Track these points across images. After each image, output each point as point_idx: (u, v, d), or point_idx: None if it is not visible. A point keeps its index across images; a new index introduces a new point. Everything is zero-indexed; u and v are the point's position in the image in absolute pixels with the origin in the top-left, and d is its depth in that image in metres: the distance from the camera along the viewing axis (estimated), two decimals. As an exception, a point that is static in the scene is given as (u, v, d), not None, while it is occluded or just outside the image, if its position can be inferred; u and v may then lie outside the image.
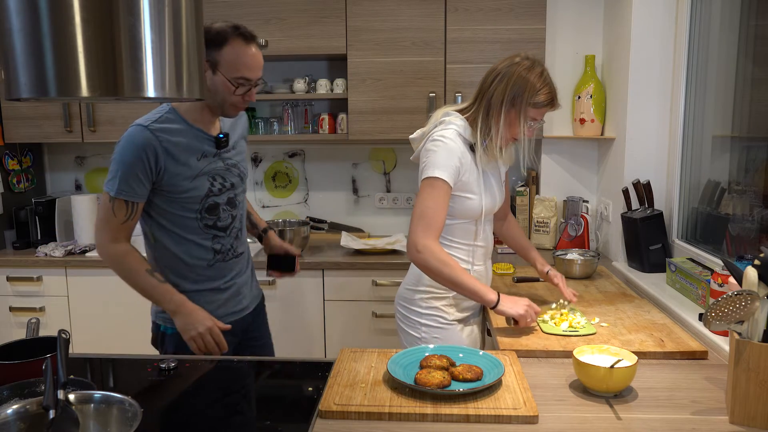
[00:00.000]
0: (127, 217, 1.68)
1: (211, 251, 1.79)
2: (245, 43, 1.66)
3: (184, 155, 1.70)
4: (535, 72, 1.74)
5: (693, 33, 2.41)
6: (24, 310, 2.95)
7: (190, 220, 1.74)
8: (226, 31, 1.65)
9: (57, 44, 0.96)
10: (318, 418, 1.26)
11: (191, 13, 1.08)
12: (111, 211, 1.67)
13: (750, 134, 2.11)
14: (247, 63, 1.67)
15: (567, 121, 3.07)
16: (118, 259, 1.70)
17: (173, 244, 1.76)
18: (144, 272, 1.70)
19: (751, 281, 1.23)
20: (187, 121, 1.73)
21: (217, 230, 1.79)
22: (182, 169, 1.69)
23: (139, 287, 1.72)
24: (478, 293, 1.72)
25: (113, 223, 1.67)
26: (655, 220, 2.41)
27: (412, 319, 1.92)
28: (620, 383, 1.32)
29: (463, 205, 1.81)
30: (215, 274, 1.81)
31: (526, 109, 1.75)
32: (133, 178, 1.65)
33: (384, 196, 3.39)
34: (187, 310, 1.71)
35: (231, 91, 1.68)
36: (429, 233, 1.72)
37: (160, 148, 1.66)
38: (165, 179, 1.68)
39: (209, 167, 1.75)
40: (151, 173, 1.66)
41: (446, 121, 1.82)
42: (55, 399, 1.09)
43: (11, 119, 3.10)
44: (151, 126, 1.68)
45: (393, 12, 2.89)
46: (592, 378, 1.33)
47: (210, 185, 1.75)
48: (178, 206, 1.72)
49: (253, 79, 1.69)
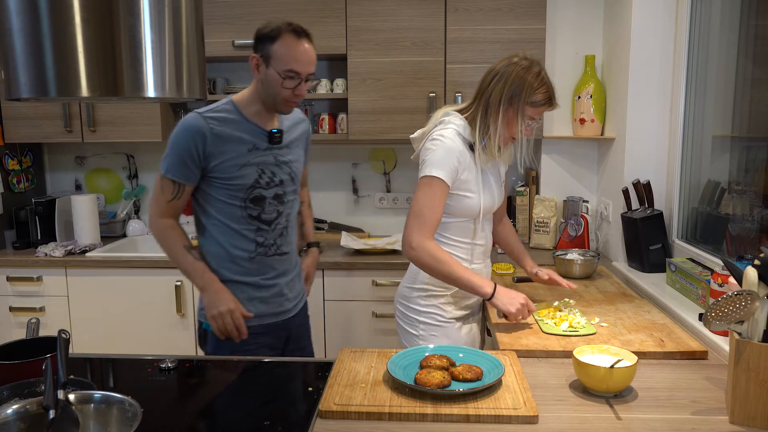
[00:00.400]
0: (173, 196, 1.76)
1: (253, 243, 1.82)
2: (296, 38, 1.73)
3: (234, 144, 1.76)
4: (533, 71, 1.76)
5: (693, 33, 2.41)
6: (24, 310, 2.95)
7: (234, 208, 1.79)
8: (280, 27, 1.73)
9: (57, 44, 0.96)
10: (318, 418, 1.26)
11: (191, 13, 1.08)
12: (160, 189, 1.77)
13: (750, 134, 2.11)
14: (296, 56, 1.72)
15: (567, 121, 3.07)
16: (161, 233, 1.80)
17: (218, 232, 1.81)
18: (182, 247, 1.79)
19: (751, 281, 1.23)
20: (243, 114, 1.79)
21: (261, 222, 1.82)
22: (230, 157, 1.75)
23: (176, 262, 1.81)
24: (474, 286, 1.74)
25: (161, 200, 1.78)
26: (655, 220, 2.41)
27: (410, 317, 1.93)
28: (620, 383, 1.32)
29: (461, 204, 1.82)
30: (256, 268, 1.84)
31: (524, 107, 1.76)
32: (182, 161, 1.73)
33: (384, 196, 3.39)
34: (214, 289, 1.76)
35: (280, 84, 1.73)
36: (423, 231, 1.75)
37: (210, 135, 1.72)
38: (212, 165, 1.74)
39: (258, 159, 1.79)
40: (198, 158, 1.73)
41: (446, 121, 1.84)
42: (55, 399, 1.09)
43: (11, 119, 3.10)
44: (205, 114, 1.75)
45: (393, 12, 2.89)
46: (592, 378, 1.33)
47: (258, 176, 1.79)
48: (224, 193, 1.77)
49: (302, 72, 1.73)
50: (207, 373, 1.55)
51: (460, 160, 1.78)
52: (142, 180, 3.50)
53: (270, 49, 1.73)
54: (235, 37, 2.96)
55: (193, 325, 2.93)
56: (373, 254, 2.92)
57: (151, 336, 2.94)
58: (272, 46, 1.72)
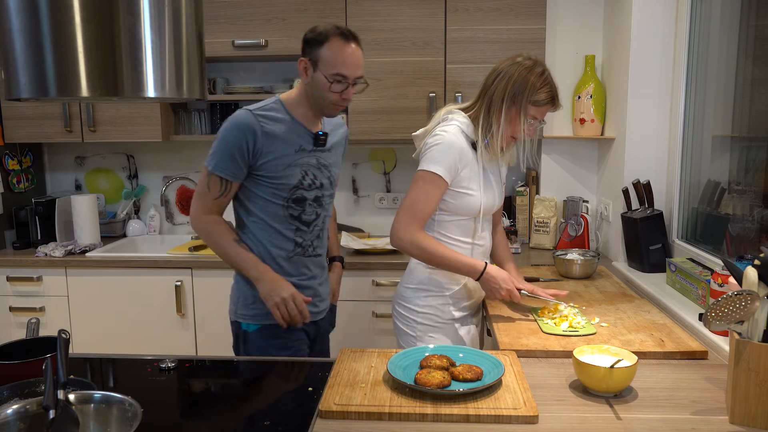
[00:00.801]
0: (220, 193, 1.77)
1: (292, 242, 1.84)
2: (344, 41, 1.72)
3: (282, 143, 1.77)
4: (536, 71, 1.77)
5: (693, 33, 2.41)
6: (24, 310, 2.95)
7: (277, 207, 1.80)
8: (328, 30, 1.73)
9: (57, 44, 0.96)
10: (318, 418, 1.26)
11: (191, 13, 1.08)
12: (206, 186, 1.77)
13: (750, 134, 2.11)
14: (344, 60, 1.72)
15: (567, 121, 3.07)
16: (207, 229, 1.80)
17: (258, 230, 1.82)
18: (231, 240, 1.80)
19: (751, 281, 1.23)
20: (291, 114, 1.80)
21: (301, 223, 1.84)
22: (278, 156, 1.76)
23: (226, 255, 1.80)
24: (464, 267, 1.78)
25: (207, 197, 1.77)
26: (655, 220, 2.41)
27: (408, 318, 1.93)
28: (620, 383, 1.32)
29: (463, 202, 1.82)
30: (294, 268, 1.85)
31: (527, 106, 1.77)
32: (231, 158, 1.73)
33: (384, 196, 3.39)
34: (270, 278, 1.77)
35: (327, 88, 1.73)
36: (411, 223, 1.77)
37: (260, 132, 1.73)
38: (260, 162, 1.75)
39: (303, 160, 1.81)
40: (248, 154, 1.73)
41: (449, 118, 1.85)
42: (55, 399, 1.09)
43: (11, 119, 3.10)
44: (255, 111, 1.76)
45: (393, 12, 2.89)
46: (592, 378, 1.33)
47: (302, 177, 1.81)
48: (268, 192, 1.79)
49: (349, 76, 1.74)
50: (207, 373, 1.55)
51: (461, 157, 1.78)
52: (142, 180, 3.50)
53: (318, 52, 1.73)
54: (235, 37, 2.96)
55: (193, 326, 2.94)
56: (373, 254, 2.92)
57: (151, 336, 2.94)
58: (320, 49, 1.72)
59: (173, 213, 3.52)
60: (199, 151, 3.44)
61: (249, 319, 1.85)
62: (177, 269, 2.90)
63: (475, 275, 1.79)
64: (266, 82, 3.28)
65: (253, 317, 1.84)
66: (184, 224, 3.52)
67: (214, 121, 3.31)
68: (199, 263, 2.89)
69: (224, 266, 2.86)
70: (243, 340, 1.87)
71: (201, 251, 3.00)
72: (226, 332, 2.92)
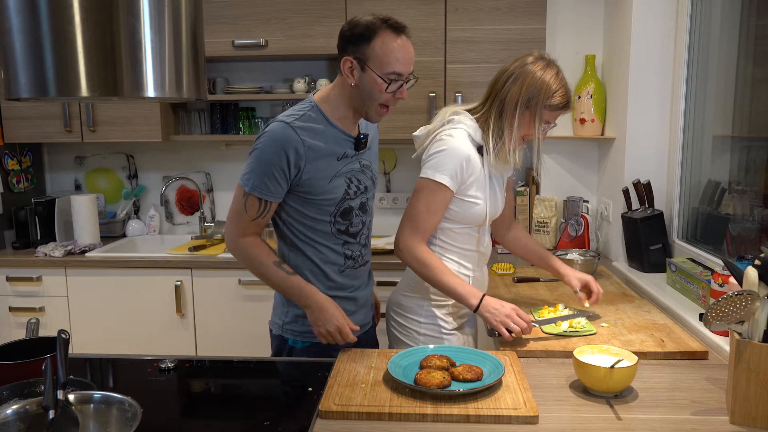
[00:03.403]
0: (259, 214, 1.61)
1: (342, 256, 1.71)
2: (395, 35, 1.55)
3: (325, 156, 1.62)
4: (551, 73, 1.68)
5: (693, 33, 2.41)
6: (24, 310, 2.95)
7: (323, 224, 1.67)
8: (375, 23, 1.55)
9: (57, 44, 0.96)
10: (318, 418, 1.26)
11: (191, 13, 1.08)
12: (243, 207, 1.61)
13: (750, 134, 2.11)
14: (399, 56, 1.55)
15: (567, 121, 3.06)
16: (246, 252, 1.64)
17: (307, 247, 1.69)
18: (272, 264, 1.64)
19: (752, 281, 1.23)
20: (329, 119, 1.64)
21: (348, 236, 1.71)
22: (322, 170, 1.61)
23: (268, 279, 1.66)
24: (460, 297, 1.68)
25: (244, 218, 1.61)
26: (656, 220, 2.41)
27: (409, 329, 1.86)
28: (621, 383, 1.32)
29: (469, 211, 1.75)
30: (345, 281, 1.74)
31: (542, 111, 1.68)
32: (269, 176, 1.57)
33: (384, 196, 3.39)
34: (318, 305, 1.63)
35: (383, 89, 1.57)
36: (414, 235, 1.71)
37: (302, 147, 1.57)
38: (303, 179, 1.60)
39: (347, 168, 1.67)
40: (289, 173, 1.58)
41: (455, 120, 1.75)
42: (55, 399, 1.09)
43: (11, 119, 3.10)
44: (294, 124, 1.58)
45: (393, 12, 2.87)
46: (592, 378, 1.33)
47: (347, 187, 1.67)
48: (313, 209, 1.65)
49: (404, 73, 1.58)
50: (207, 373, 1.55)
51: (468, 164, 1.69)
52: (142, 180, 3.50)
53: (366, 50, 1.54)
54: (235, 37, 2.96)
55: (193, 326, 2.94)
56: (373, 254, 2.91)
57: (151, 336, 2.94)
58: (368, 46, 1.54)
59: (173, 213, 3.51)
60: (199, 151, 3.44)
61: (298, 335, 1.72)
62: (177, 269, 2.89)
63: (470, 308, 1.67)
64: (266, 82, 3.28)
65: (303, 334, 1.72)
66: (184, 224, 3.52)
67: (213, 121, 3.31)
68: (198, 263, 2.89)
69: (224, 266, 2.87)
70: (288, 355, 1.76)
71: (201, 251, 3.00)
72: (226, 332, 2.93)
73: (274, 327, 1.78)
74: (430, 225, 1.72)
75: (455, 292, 1.68)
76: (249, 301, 2.89)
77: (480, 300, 1.66)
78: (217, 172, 3.46)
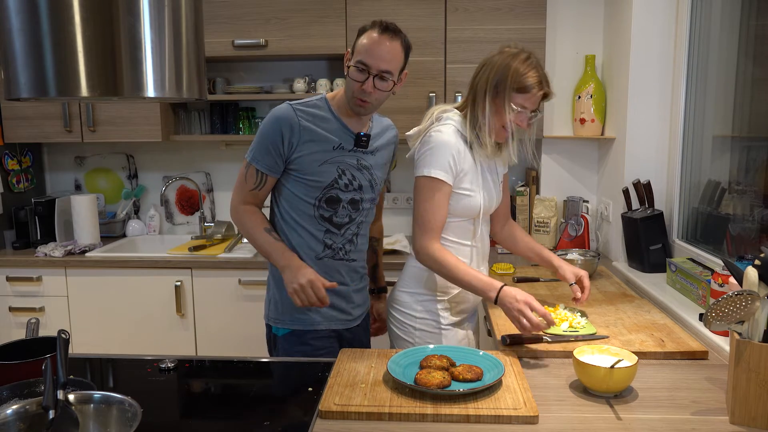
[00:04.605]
0: (256, 186, 1.76)
1: (321, 244, 1.80)
2: (379, 32, 1.69)
3: (320, 139, 1.74)
4: (520, 58, 1.70)
5: (693, 33, 2.41)
6: (24, 310, 2.95)
7: (307, 206, 1.77)
8: (371, 23, 1.72)
9: (57, 44, 0.96)
10: (318, 418, 1.26)
11: (191, 13, 1.08)
12: (244, 176, 1.77)
13: (750, 134, 2.11)
14: (370, 49, 1.67)
15: (567, 121, 3.07)
16: (242, 218, 1.79)
17: (288, 228, 1.80)
18: (262, 229, 1.77)
19: (752, 281, 1.23)
20: (334, 112, 1.78)
21: (332, 225, 1.79)
22: (313, 152, 1.73)
23: (257, 243, 1.78)
24: (479, 291, 1.67)
25: (244, 188, 1.78)
26: (656, 220, 2.41)
27: (405, 324, 1.88)
28: (621, 383, 1.32)
29: (462, 203, 1.78)
30: (323, 270, 1.79)
31: (511, 94, 1.69)
32: (266, 149, 1.72)
33: (384, 196, 3.38)
34: (294, 265, 1.71)
35: (351, 76, 1.70)
36: (426, 235, 1.72)
37: (297, 126, 1.71)
38: (294, 157, 1.72)
39: (340, 158, 1.76)
40: (282, 148, 1.72)
41: (444, 118, 1.80)
42: (55, 399, 1.09)
43: (11, 119, 3.10)
44: (296, 105, 1.74)
45: (393, 12, 2.89)
46: (592, 378, 1.33)
47: (337, 176, 1.76)
48: (301, 189, 1.76)
49: (371, 65, 1.67)
50: (207, 373, 1.55)
51: (457, 157, 1.73)
52: (142, 180, 3.50)
53: (356, 43, 1.72)
54: (235, 37, 2.95)
55: (193, 326, 2.93)
56: (373, 254, 2.91)
57: (151, 336, 2.94)
58: (357, 40, 1.72)
59: (173, 213, 3.51)
60: (199, 151, 3.43)
61: (278, 322, 1.83)
62: (177, 269, 2.89)
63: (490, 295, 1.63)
64: (266, 82, 3.28)
65: (282, 321, 1.82)
66: (184, 224, 3.52)
67: (213, 121, 3.31)
68: (198, 263, 2.89)
69: (224, 266, 2.87)
70: (274, 344, 1.86)
71: (201, 251, 3.00)
72: (226, 332, 2.93)
73: (264, 317, 1.90)
74: (438, 221, 1.73)
75: (473, 287, 1.68)
76: (249, 301, 2.89)
77: (498, 292, 1.63)
78: (217, 172, 3.46)
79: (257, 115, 3.32)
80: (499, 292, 1.62)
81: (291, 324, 1.81)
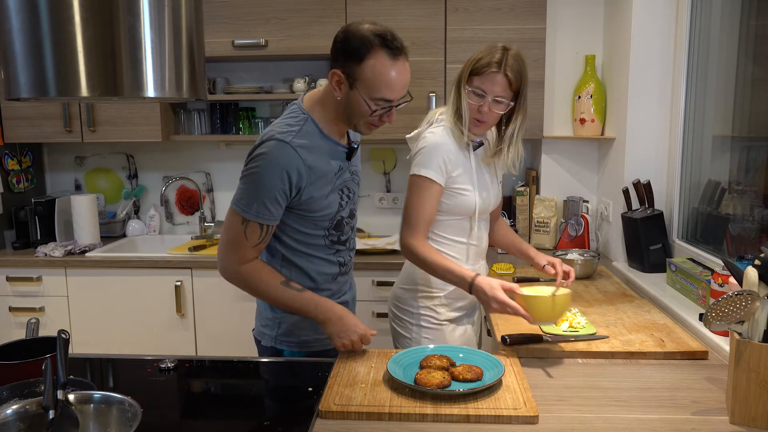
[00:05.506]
0: (260, 240, 1.53)
1: (336, 265, 1.69)
2: (391, 59, 1.45)
3: (324, 175, 1.56)
4: (489, 47, 1.76)
5: (693, 33, 2.41)
6: (24, 310, 2.95)
7: (318, 238, 1.63)
8: (370, 40, 1.44)
9: (57, 44, 0.96)
10: (318, 418, 1.26)
11: (191, 13, 1.08)
12: (242, 234, 1.50)
13: (750, 134, 2.11)
14: (390, 83, 1.46)
15: (567, 121, 3.07)
16: (249, 280, 1.56)
17: (303, 261, 1.64)
18: (280, 285, 1.57)
19: (752, 281, 1.23)
20: (323, 132, 1.57)
21: (340, 244, 1.69)
22: (320, 188, 1.56)
23: (279, 303, 1.60)
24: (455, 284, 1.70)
25: (244, 245, 1.52)
26: (656, 220, 2.41)
27: (403, 320, 1.92)
28: (562, 308, 1.51)
29: (457, 201, 1.81)
30: (337, 287, 1.72)
31: (466, 77, 1.76)
32: (272, 200, 1.49)
33: (384, 196, 3.39)
34: (337, 316, 1.57)
35: (367, 112, 1.50)
36: (409, 231, 1.77)
37: (303, 168, 1.50)
38: (303, 199, 1.54)
39: (340, 180, 1.62)
40: (289, 194, 1.51)
41: (439, 120, 1.85)
42: (55, 399, 1.09)
43: (11, 119, 3.10)
44: (293, 142, 1.50)
45: (393, 12, 2.89)
46: (539, 309, 1.50)
47: (340, 200, 1.62)
48: (309, 225, 1.60)
49: (395, 99, 1.50)
50: (207, 373, 1.55)
51: (449, 156, 1.77)
52: (142, 180, 3.50)
53: (357, 69, 1.45)
54: (235, 37, 2.95)
55: (193, 326, 2.94)
56: (373, 254, 2.91)
57: (151, 336, 2.94)
58: (360, 66, 1.45)
59: (173, 213, 3.51)
60: (199, 151, 3.43)
61: (294, 346, 1.68)
62: (177, 269, 2.89)
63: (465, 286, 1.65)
64: (266, 82, 3.28)
65: (300, 344, 1.68)
66: (184, 224, 3.52)
67: (213, 121, 3.31)
68: (198, 263, 2.89)
69: (224, 266, 2.87)
70: None
71: (201, 251, 3.00)
72: (226, 332, 2.93)
73: (263, 338, 1.72)
74: (424, 219, 1.77)
75: (450, 280, 1.72)
76: (249, 301, 2.87)
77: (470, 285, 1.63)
78: (217, 172, 3.46)
79: (257, 115, 3.32)
80: (472, 283, 1.63)
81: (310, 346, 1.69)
